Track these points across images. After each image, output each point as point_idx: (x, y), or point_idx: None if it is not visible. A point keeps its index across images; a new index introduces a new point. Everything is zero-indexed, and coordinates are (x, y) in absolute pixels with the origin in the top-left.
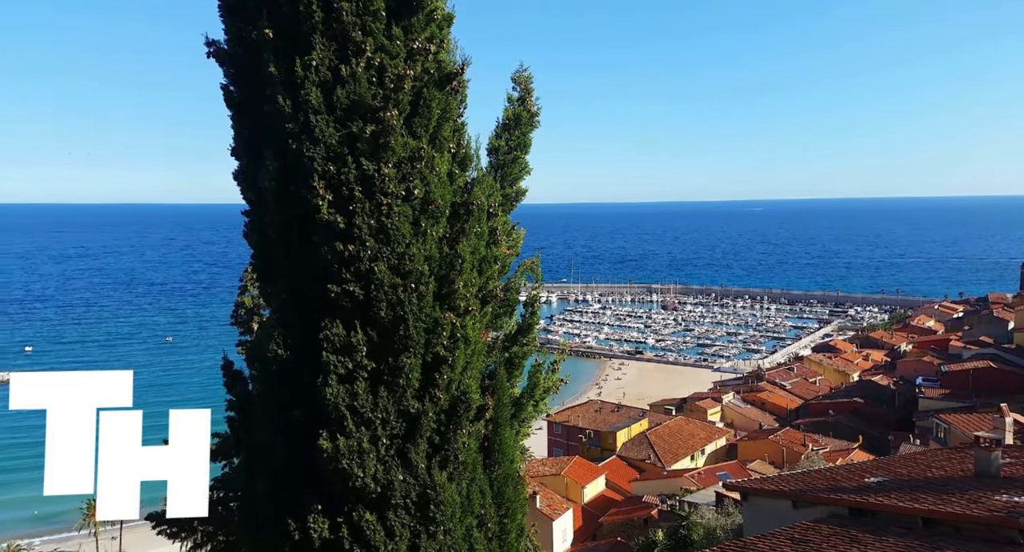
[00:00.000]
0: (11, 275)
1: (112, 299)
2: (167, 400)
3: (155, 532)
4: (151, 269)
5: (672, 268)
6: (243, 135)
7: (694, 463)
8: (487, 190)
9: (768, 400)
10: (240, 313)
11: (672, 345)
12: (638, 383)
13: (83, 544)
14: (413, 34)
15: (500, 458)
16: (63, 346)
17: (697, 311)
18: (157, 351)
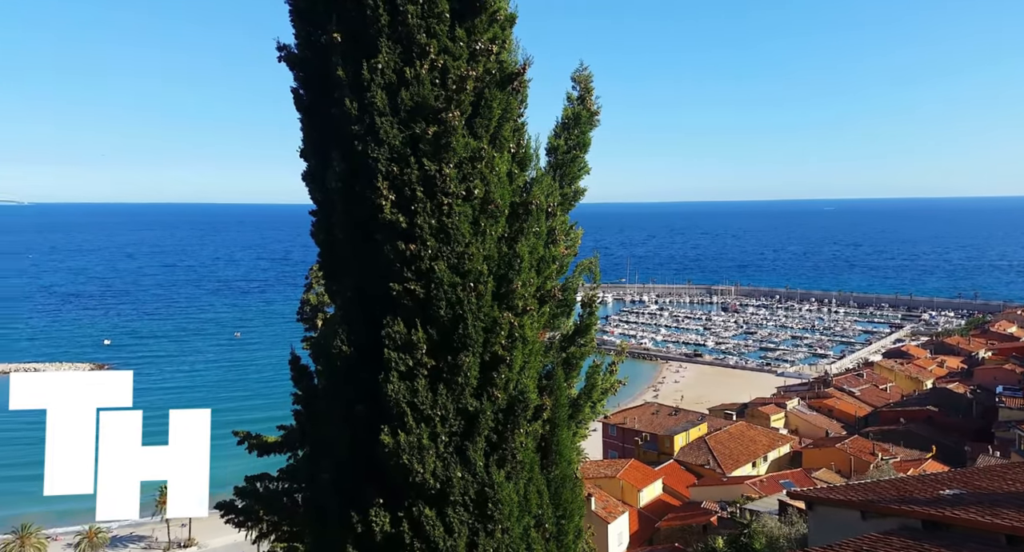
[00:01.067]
0: (92, 271)
1: (182, 295)
2: (237, 395)
3: (223, 521)
4: (220, 266)
5: (734, 269)
6: (311, 137)
7: (755, 470)
8: (546, 190)
9: (835, 407)
10: (305, 310)
11: (733, 348)
12: (697, 386)
13: (156, 529)
14: (476, 35)
15: (557, 459)
16: (138, 340)
17: (760, 314)
18: (227, 346)
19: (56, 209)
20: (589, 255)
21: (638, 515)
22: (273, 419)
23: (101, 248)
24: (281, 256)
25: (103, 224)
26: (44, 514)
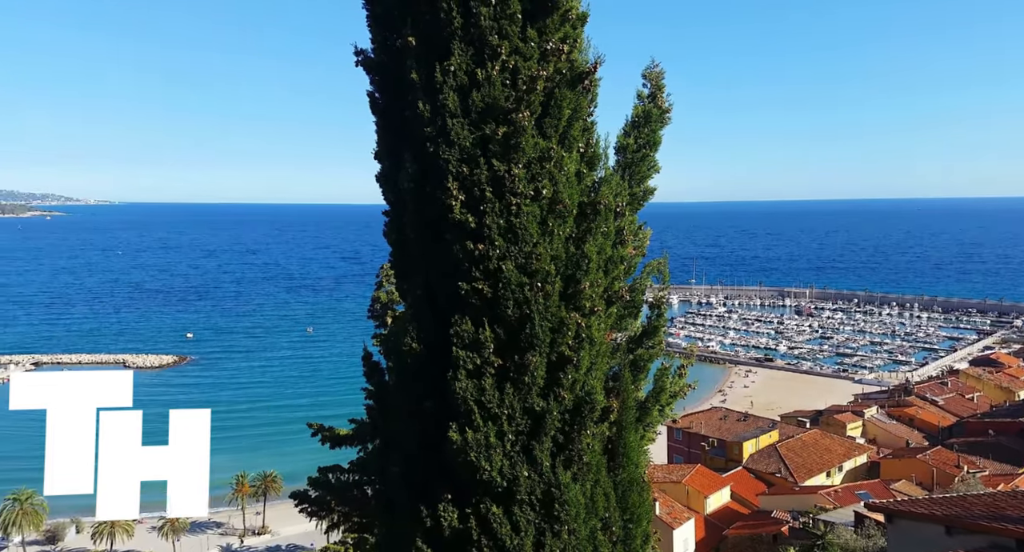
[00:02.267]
0: (175, 268)
1: (258, 292)
2: (310, 390)
3: (297, 510)
4: (293, 265)
5: (809, 271)
6: (385, 139)
7: (830, 480)
8: (615, 189)
9: (917, 416)
10: (376, 307)
11: (807, 353)
12: (767, 392)
13: (231, 516)
14: (547, 35)
15: (625, 462)
16: (217, 335)
17: (837, 317)
18: (300, 342)
19: (141, 208)
20: (657, 255)
21: (704, 522)
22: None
23: (182, 246)
24: (351, 255)
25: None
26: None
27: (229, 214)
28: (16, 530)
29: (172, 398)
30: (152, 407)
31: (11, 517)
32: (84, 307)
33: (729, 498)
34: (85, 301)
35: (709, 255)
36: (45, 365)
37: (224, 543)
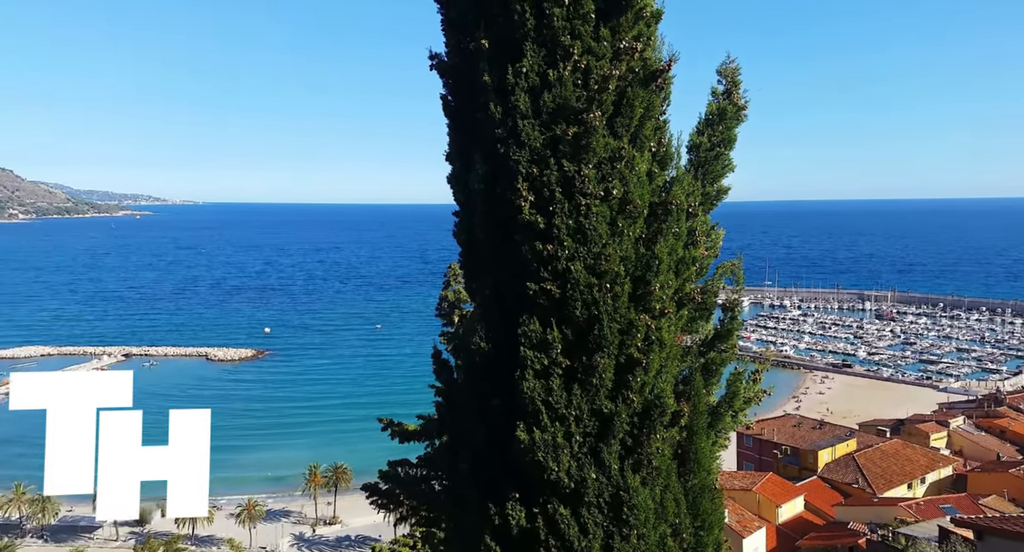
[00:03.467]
0: (252, 266)
1: (330, 289)
2: (381, 387)
3: (367, 502)
4: (363, 264)
5: (891, 273)
6: (457, 141)
7: (911, 492)
8: (687, 189)
9: (1009, 428)
10: (443, 306)
11: (888, 359)
12: (845, 399)
13: (304, 506)
14: (620, 34)
15: (696, 467)
16: (291, 330)
17: (920, 322)
18: (368, 339)
19: (223, 208)
20: (731, 256)
21: (776, 531)
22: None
23: (260, 245)
24: (418, 254)
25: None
26: (213, 485)
27: (305, 213)
28: None
29: (249, 392)
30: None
31: None
32: (169, 303)
33: (803, 508)
34: (170, 297)
35: (781, 256)
36: (135, 357)
37: (297, 531)
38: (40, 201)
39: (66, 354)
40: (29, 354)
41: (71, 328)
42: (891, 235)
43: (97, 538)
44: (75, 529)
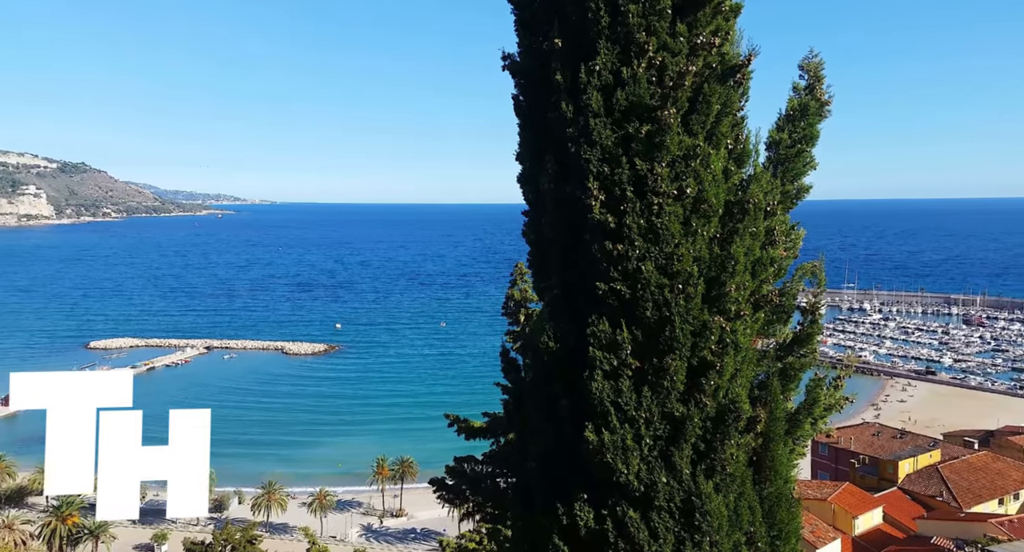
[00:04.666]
0: (323, 264)
1: (396, 287)
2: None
3: (434, 496)
4: (428, 261)
5: (982, 277)
6: (527, 141)
7: (1003, 508)
8: (765, 187)
9: None
10: (509, 305)
11: (976, 367)
12: (928, 408)
13: (372, 497)
14: (697, 29)
15: (772, 475)
16: (359, 327)
17: (1014, 328)
18: (433, 336)
19: (299, 208)
20: (810, 257)
21: (852, 543)
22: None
23: (331, 243)
24: (481, 254)
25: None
26: (286, 475)
27: (376, 213)
28: None
29: (320, 386)
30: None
31: None
32: (247, 298)
33: (881, 520)
34: (248, 292)
35: (861, 257)
36: (216, 349)
37: (365, 522)
38: (130, 200)
39: (153, 346)
40: (119, 345)
41: (157, 321)
42: (982, 236)
43: (179, 522)
44: (159, 512)
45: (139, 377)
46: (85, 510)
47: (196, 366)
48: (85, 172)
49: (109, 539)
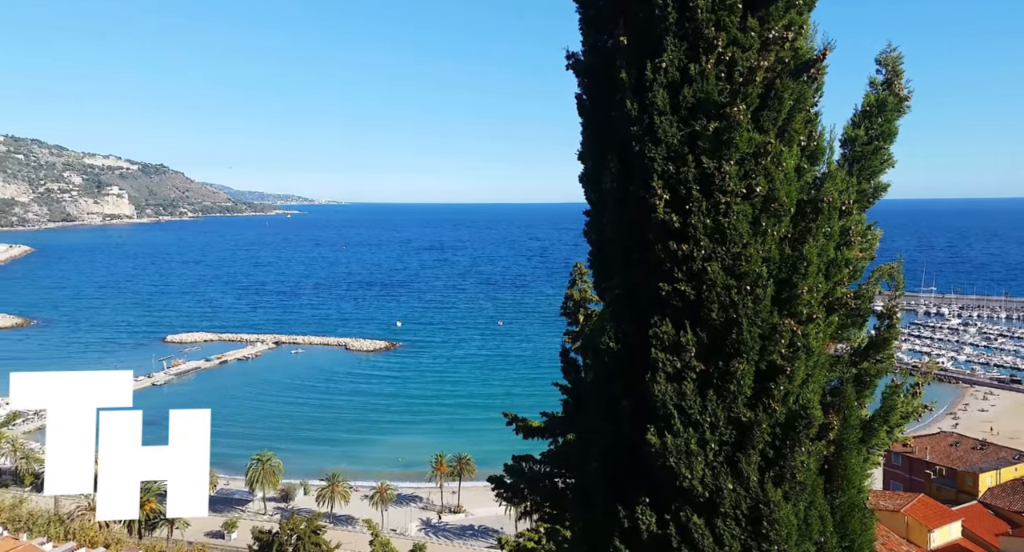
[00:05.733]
0: (385, 262)
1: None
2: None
3: (493, 494)
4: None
5: None
6: (590, 140)
7: None
8: (839, 185)
9: None
10: (568, 304)
11: None
12: (1013, 418)
13: (431, 493)
14: (769, 23)
15: (844, 484)
16: (419, 324)
17: None
18: (490, 335)
19: (363, 208)
20: (888, 259)
21: None
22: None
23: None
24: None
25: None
26: (348, 469)
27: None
28: (259, 486)
29: (382, 381)
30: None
31: (255, 475)
32: (313, 295)
33: (960, 535)
34: (314, 290)
35: (939, 259)
36: (284, 345)
37: (424, 517)
38: (205, 200)
39: (225, 340)
40: (194, 339)
41: (228, 317)
42: None
43: (248, 511)
44: (230, 501)
45: (212, 370)
46: (161, 497)
47: (265, 360)
48: (164, 173)
49: (183, 525)
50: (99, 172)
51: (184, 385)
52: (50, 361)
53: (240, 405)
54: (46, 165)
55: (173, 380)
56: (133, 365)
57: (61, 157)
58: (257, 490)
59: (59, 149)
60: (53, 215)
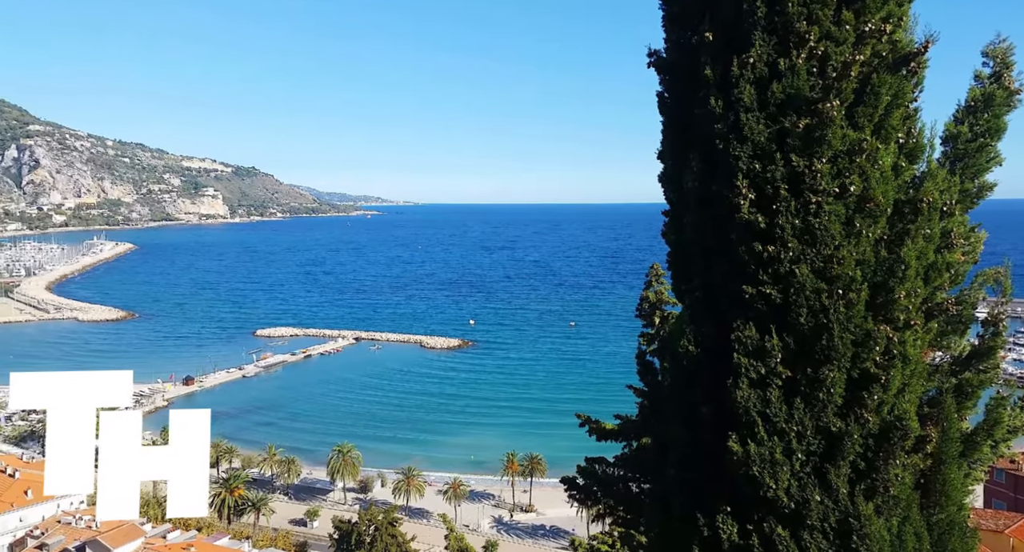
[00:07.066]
0: (457, 262)
1: (525, 286)
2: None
3: (565, 495)
4: (558, 261)
5: None
6: (670, 139)
7: None
8: (940, 185)
9: None
10: (644, 306)
11: None
12: None
13: (503, 490)
14: (866, 16)
15: (943, 501)
16: (492, 323)
17: None
18: (562, 336)
19: (439, 208)
20: (992, 263)
21: None
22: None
23: (465, 243)
24: (610, 254)
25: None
26: (422, 462)
27: (508, 213)
28: (339, 476)
29: (455, 378)
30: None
31: (336, 466)
32: (390, 294)
33: None
34: (391, 288)
35: None
36: (363, 341)
37: (496, 514)
38: (293, 201)
39: (310, 335)
40: (282, 334)
41: (312, 313)
42: None
43: (329, 500)
44: (312, 490)
45: (298, 364)
46: (249, 484)
47: (345, 355)
48: (255, 176)
49: (269, 512)
50: (196, 174)
51: (271, 378)
52: (150, 353)
53: (322, 398)
54: (148, 168)
55: (262, 372)
56: (226, 358)
57: (162, 160)
58: (337, 480)
59: (160, 152)
60: (154, 215)
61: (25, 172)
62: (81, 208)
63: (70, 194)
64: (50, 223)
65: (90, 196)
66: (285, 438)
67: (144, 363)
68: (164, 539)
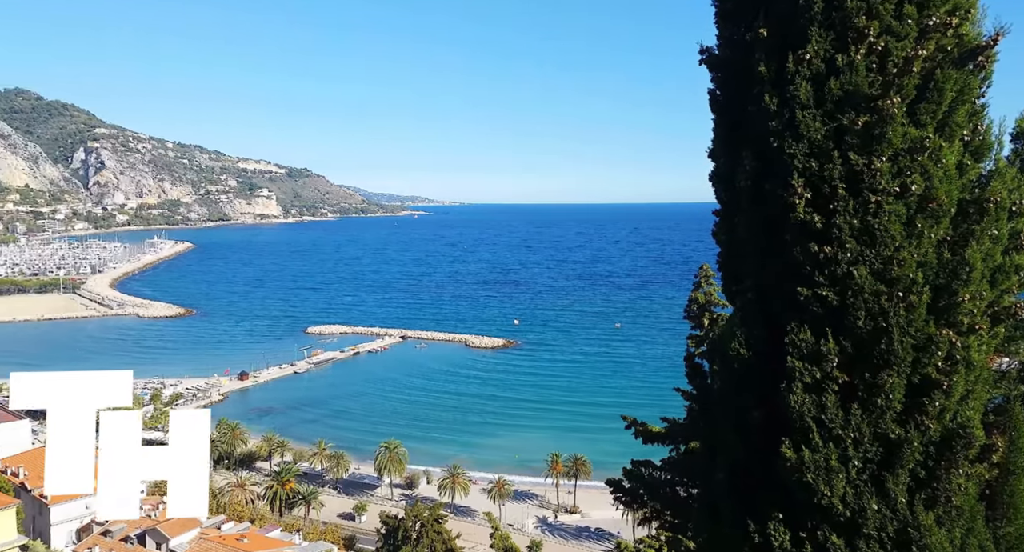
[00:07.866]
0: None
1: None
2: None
3: (611, 497)
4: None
5: None
6: (722, 137)
7: None
8: (1009, 184)
9: None
10: (693, 308)
11: None
12: None
13: (547, 491)
14: (930, 9)
15: (1011, 513)
16: (536, 324)
17: None
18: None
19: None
20: None
21: None
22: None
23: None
24: (655, 255)
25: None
26: (467, 460)
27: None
28: (386, 472)
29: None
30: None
31: (384, 462)
32: (435, 293)
33: None
34: (436, 288)
35: None
36: (409, 339)
37: (540, 514)
38: (343, 202)
39: (358, 333)
40: (331, 331)
41: (360, 311)
42: None
43: (376, 496)
44: (360, 485)
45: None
46: (300, 478)
47: (392, 353)
48: (307, 177)
49: (319, 505)
50: (251, 175)
51: (321, 374)
52: (207, 349)
53: (369, 395)
54: (206, 169)
55: (313, 369)
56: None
57: (219, 162)
58: (384, 476)
59: (217, 154)
60: (211, 215)
61: (92, 173)
62: (143, 208)
63: (132, 194)
64: (114, 222)
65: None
66: (333, 434)
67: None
68: (219, 529)
